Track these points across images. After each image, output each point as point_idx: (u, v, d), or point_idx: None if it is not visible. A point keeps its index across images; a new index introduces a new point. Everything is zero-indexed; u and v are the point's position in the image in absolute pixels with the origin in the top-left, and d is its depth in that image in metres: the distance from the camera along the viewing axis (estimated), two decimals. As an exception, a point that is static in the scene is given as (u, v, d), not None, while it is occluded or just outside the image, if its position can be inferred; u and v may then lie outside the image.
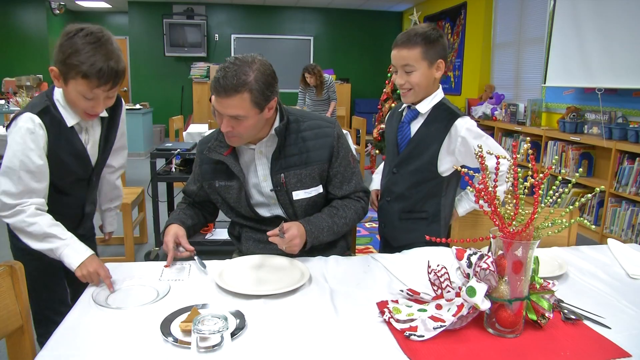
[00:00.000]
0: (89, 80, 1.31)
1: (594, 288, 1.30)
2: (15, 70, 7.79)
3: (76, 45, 1.30)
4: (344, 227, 1.59)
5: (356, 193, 1.63)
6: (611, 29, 3.89)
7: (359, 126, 5.84)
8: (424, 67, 1.59)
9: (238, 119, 1.39)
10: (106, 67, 1.31)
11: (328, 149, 1.55)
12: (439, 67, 1.62)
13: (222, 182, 1.56)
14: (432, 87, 1.65)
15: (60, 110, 1.42)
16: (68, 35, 1.32)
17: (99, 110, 1.43)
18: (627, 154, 3.70)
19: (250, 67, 1.36)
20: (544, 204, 1.01)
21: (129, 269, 1.38)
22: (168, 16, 8.62)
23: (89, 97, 1.35)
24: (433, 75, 1.62)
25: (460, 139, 1.60)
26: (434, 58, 1.59)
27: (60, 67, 1.33)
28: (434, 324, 1.02)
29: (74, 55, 1.30)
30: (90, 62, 1.29)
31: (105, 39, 1.33)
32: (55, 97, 1.43)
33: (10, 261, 1.16)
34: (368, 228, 4.14)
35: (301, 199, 1.55)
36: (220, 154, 1.53)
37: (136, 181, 5.35)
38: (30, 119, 1.37)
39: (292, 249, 1.42)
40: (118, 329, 1.06)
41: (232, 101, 1.35)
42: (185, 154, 3.14)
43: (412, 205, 1.72)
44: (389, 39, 9.90)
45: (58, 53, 1.33)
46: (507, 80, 6.08)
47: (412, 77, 1.60)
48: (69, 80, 1.33)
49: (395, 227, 1.77)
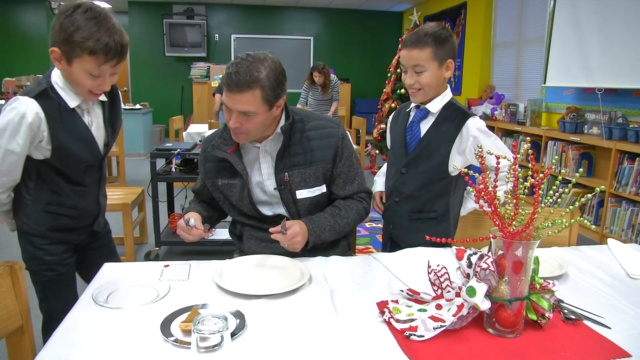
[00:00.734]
0: (96, 56, 1.29)
1: (594, 288, 1.30)
2: (15, 70, 7.78)
3: (78, 22, 1.26)
4: (346, 227, 1.59)
5: (359, 194, 1.64)
6: (611, 29, 3.89)
7: (359, 126, 5.84)
8: (434, 67, 1.59)
9: (247, 115, 1.39)
10: (112, 42, 1.29)
11: (332, 149, 1.55)
12: (448, 67, 1.61)
13: (225, 180, 1.56)
14: (442, 87, 1.66)
15: (59, 92, 1.38)
16: (66, 13, 1.28)
17: (105, 88, 1.40)
18: (627, 154, 3.70)
19: (262, 64, 1.36)
20: (544, 204, 1.01)
21: (129, 269, 1.38)
22: (168, 16, 8.62)
23: (96, 74, 1.33)
24: (443, 75, 1.62)
25: (472, 139, 1.60)
26: (444, 58, 1.59)
27: (63, 46, 1.29)
28: (434, 324, 1.02)
29: (77, 33, 1.26)
30: (96, 37, 1.27)
31: (105, 13, 1.31)
32: (54, 80, 1.38)
33: (11, 261, 1.16)
34: (368, 228, 4.14)
35: (304, 198, 1.56)
36: (224, 151, 1.53)
37: (136, 181, 5.35)
38: (26, 104, 1.32)
39: (294, 246, 1.42)
40: (118, 329, 1.06)
41: (244, 97, 1.35)
42: (185, 154, 3.14)
43: (422, 205, 1.71)
44: (389, 39, 9.92)
45: (59, 32, 1.28)
46: (507, 80, 6.08)
47: (422, 78, 1.60)
48: (74, 59, 1.30)
49: (404, 228, 1.76)
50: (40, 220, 1.49)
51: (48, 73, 1.41)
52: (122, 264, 1.43)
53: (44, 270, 1.53)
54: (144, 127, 7.16)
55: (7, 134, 1.33)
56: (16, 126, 1.33)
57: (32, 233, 1.50)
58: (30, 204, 1.47)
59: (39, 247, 1.51)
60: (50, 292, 1.54)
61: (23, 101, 1.34)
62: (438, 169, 1.66)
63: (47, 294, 1.55)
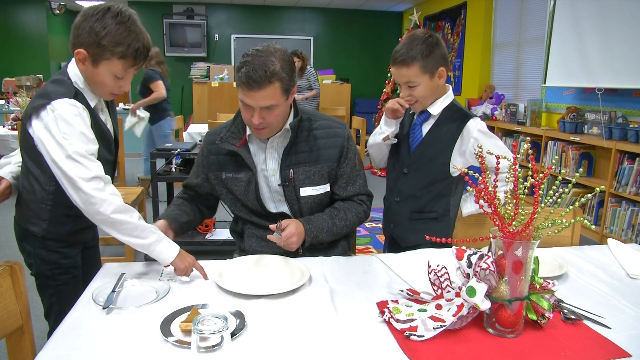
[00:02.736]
0: (125, 60, 1.33)
1: (594, 288, 1.30)
2: (15, 70, 7.78)
3: (109, 27, 1.29)
4: (344, 228, 1.60)
5: (359, 196, 1.65)
6: (611, 29, 3.89)
7: (359, 126, 5.84)
8: (425, 80, 1.61)
9: (270, 109, 1.41)
10: (141, 47, 1.35)
11: (338, 148, 1.57)
12: (440, 74, 1.64)
13: (230, 173, 1.57)
14: (441, 91, 1.69)
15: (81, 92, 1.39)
16: (96, 16, 1.30)
17: (126, 89, 1.43)
18: (627, 154, 3.70)
19: (275, 57, 1.38)
20: (544, 204, 1.01)
21: (129, 269, 1.38)
22: (168, 16, 8.62)
23: (120, 76, 1.37)
24: (436, 84, 1.65)
25: (472, 140, 1.62)
26: (434, 68, 1.61)
27: (92, 49, 1.31)
28: (434, 324, 1.02)
29: (108, 37, 1.29)
30: (127, 42, 1.31)
31: (132, 17, 1.35)
32: (74, 80, 1.38)
33: (11, 261, 1.16)
34: (368, 228, 4.14)
35: (308, 196, 1.56)
36: (233, 145, 1.54)
37: (136, 181, 5.35)
38: (71, 104, 1.31)
39: (289, 246, 1.44)
40: (118, 329, 1.06)
41: (265, 92, 1.37)
42: (185, 154, 3.15)
43: (423, 206, 1.74)
44: (389, 39, 9.91)
45: (89, 35, 1.30)
46: (507, 80, 6.08)
47: (415, 92, 1.63)
48: (102, 61, 1.33)
49: (405, 227, 1.78)
50: (62, 224, 1.46)
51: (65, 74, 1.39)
52: (122, 264, 1.43)
53: (59, 274, 1.49)
54: (143, 127, 7.14)
55: (75, 138, 1.29)
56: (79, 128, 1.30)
57: (49, 237, 1.45)
58: (50, 208, 1.43)
59: (55, 251, 1.47)
60: (64, 296, 1.50)
61: (66, 104, 1.30)
62: (440, 169, 1.68)
63: (60, 298, 1.51)
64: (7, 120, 5.26)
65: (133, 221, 1.30)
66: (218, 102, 6.31)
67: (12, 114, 5.24)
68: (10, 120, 5.11)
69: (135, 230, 1.31)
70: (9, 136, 4.89)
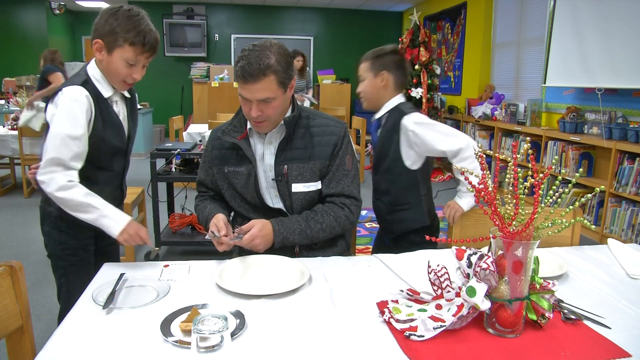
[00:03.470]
0: (135, 47, 1.48)
1: (594, 288, 1.30)
2: (15, 70, 7.79)
3: (122, 19, 1.47)
4: (320, 232, 1.55)
5: (341, 197, 1.60)
6: (611, 29, 3.89)
7: (359, 126, 5.84)
8: (369, 77, 1.92)
9: (267, 102, 1.44)
10: (149, 36, 1.50)
11: (332, 146, 1.58)
12: (382, 77, 1.90)
13: (231, 167, 1.60)
14: (386, 96, 1.94)
15: (95, 84, 1.53)
16: (111, 12, 1.48)
17: (137, 77, 1.55)
18: (627, 154, 3.70)
19: (270, 51, 1.42)
20: (544, 204, 1.01)
21: (129, 269, 1.38)
22: (168, 16, 8.62)
23: (132, 62, 1.50)
24: (378, 85, 1.91)
25: (411, 133, 1.84)
26: (378, 69, 1.91)
27: (107, 37, 1.48)
28: (434, 324, 1.02)
29: (121, 26, 1.46)
30: (137, 30, 1.47)
31: (143, 14, 1.52)
32: (90, 73, 1.54)
33: (11, 261, 1.16)
34: (368, 228, 4.14)
35: (299, 192, 1.57)
36: (234, 137, 1.57)
37: (136, 181, 5.33)
38: (75, 90, 1.47)
39: (255, 248, 1.46)
40: (118, 329, 1.06)
41: (261, 85, 1.41)
42: (185, 154, 3.14)
43: (395, 199, 1.97)
44: (389, 39, 9.93)
45: (103, 26, 1.48)
46: (507, 80, 6.08)
47: (361, 86, 1.96)
48: (115, 48, 1.48)
49: (387, 220, 2.03)
50: None
51: (84, 67, 1.57)
52: (122, 264, 1.43)
53: (68, 255, 1.60)
54: (144, 127, 7.16)
55: (67, 121, 1.44)
56: (72, 111, 1.45)
57: (62, 218, 1.53)
58: None
59: (65, 231, 1.58)
60: (72, 277, 1.60)
61: (71, 89, 1.47)
62: (396, 165, 1.92)
63: (68, 279, 1.62)
64: (7, 120, 5.25)
65: (75, 198, 1.43)
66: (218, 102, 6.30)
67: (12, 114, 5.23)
68: (10, 120, 5.10)
69: (81, 207, 1.45)
70: (8, 136, 4.88)
